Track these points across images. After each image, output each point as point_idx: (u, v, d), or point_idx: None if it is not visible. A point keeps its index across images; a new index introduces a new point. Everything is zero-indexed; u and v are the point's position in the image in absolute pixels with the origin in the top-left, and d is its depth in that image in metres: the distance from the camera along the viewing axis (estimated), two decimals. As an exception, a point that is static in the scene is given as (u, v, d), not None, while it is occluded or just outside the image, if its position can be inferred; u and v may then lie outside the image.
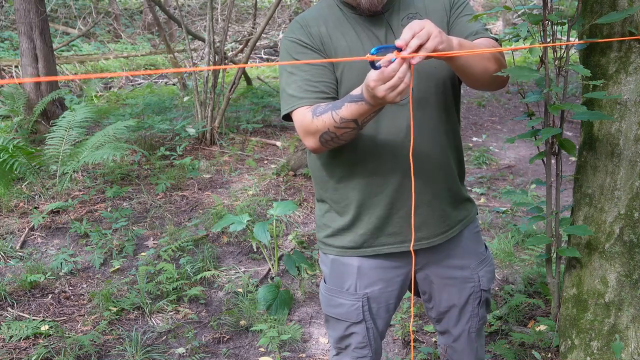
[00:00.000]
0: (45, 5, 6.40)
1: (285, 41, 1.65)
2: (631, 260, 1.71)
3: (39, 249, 3.80)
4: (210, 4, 5.87)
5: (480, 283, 1.83)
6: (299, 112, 1.58)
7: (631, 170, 1.68)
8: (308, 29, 1.63)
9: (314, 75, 1.59)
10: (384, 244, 1.71)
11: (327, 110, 1.51)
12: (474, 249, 1.83)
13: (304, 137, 1.59)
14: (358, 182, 1.67)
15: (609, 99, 1.69)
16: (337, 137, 1.52)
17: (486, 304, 1.90)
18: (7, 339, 2.84)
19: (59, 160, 4.69)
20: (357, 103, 1.44)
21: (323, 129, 1.51)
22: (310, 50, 1.61)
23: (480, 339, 1.97)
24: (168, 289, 3.24)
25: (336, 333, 1.82)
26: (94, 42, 11.97)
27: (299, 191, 4.61)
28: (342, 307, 1.77)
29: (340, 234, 1.74)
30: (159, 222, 4.15)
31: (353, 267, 1.74)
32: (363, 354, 1.81)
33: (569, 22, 1.69)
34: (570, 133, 5.73)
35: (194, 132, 5.76)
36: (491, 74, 1.57)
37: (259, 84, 8.56)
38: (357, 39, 1.61)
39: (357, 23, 1.63)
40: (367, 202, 1.68)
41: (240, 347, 2.87)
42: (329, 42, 1.61)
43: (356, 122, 1.47)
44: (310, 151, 1.64)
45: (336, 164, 1.69)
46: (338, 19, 1.64)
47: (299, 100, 1.59)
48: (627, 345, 1.73)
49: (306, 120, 1.55)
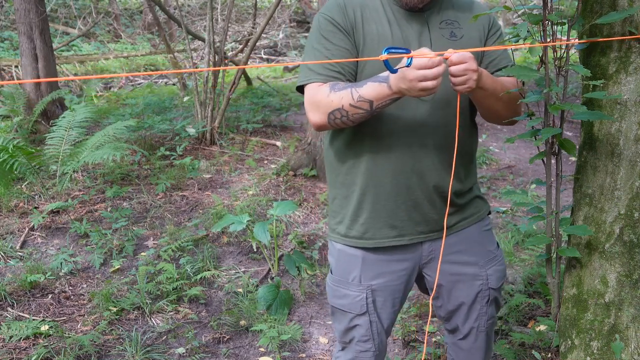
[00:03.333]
0: (45, 5, 6.40)
1: (320, 17, 1.68)
2: (631, 260, 1.71)
3: (39, 249, 3.80)
4: (210, 4, 5.87)
5: (489, 281, 1.84)
6: (313, 86, 1.63)
7: (631, 170, 1.68)
8: (344, 10, 1.65)
9: (336, 55, 1.63)
10: (385, 236, 1.72)
11: (347, 87, 1.55)
12: (483, 247, 1.84)
13: (312, 111, 1.62)
14: (365, 170, 1.70)
15: (609, 99, 1.69)
16: (347, 117, 1.56)
17: (495, 302, 1.90)
18: (7, 339, 2.84)
19: (59, 160, 4.69)
20: (380, 84, 1.49)
21: (338, 105, 1.55)
22: (340, 31, 1.64)
23: (489, 340, 1.96)
24: (168, 289, 3.24)
25: (341, 325, 1.83)
26: (94, 42, 11.97)
27: (299, 191, 4.61)
28: (347, 298, 1.78)
29: (344, 221, 1.76)
30: (159, 222, 4.15)
31: (358, 259, 1.76)
32: (366, 347, 1.81)
33: (569, 22, 1.69)
34: (570, 133, 5.73)
35: (194, 132, 5.76)
36: (501, 119, 1.73)
37: (259, 84, 8.56)
38: (389, 31, 1.64)
39: (393, 14, 1.66)
40: (372, 190, 1.70)
41: (240, 347, 2.87)
42: (360, 27, 1.64)
43: (371, 104, 1.52)
44: (314, 127, 1.67)
45: (348, 150, 1.72)
46: (376, 7, 1.67)
47: (316, 75, 1.63)
48: (627, 345, 1.73)
49: (320, 94, 1.59)
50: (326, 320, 3.09)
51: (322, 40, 1.65)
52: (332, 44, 1.63)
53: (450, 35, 1.68)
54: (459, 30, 1.69)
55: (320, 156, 4.82)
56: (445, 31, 1.68)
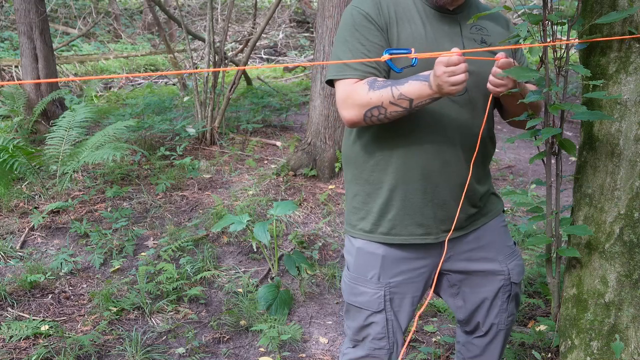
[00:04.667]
0: (45, 5, 6.39)
1: (353, 9, 1.64)
2: (631, 260, 1.71)
3: (39, 249, 3.80)
4: (210, 4, 5.87)
5: (511, 276, 1.84)
6: (348, 82, 1.61)
7: (631, 170, 1.68)
8: (379, 6, 1.63)
9: (371, 51, 1.60)
10: (411, 233, 1.72)
11: (387, 85, 1.54)
12: (502, 242, 1.86)
13: (347, 108, 1.60)
14: (396, 166, 1.69)
15: (609, 99, 1.69)
16: (385, 115, 1.56)
17: (516, 299, 1.91)
18: (7, 339, 2.84)
19: (59, 160, 4.69)
20: (421, 82, 1.50)
21: (377, 102, 1.54)
22: (375, 26, 1.61)
23: (506, 341, 1.96)
24: (168, 289, 3.24)
25: (355, 323, 1.81)
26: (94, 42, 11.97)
27: (299, 191, 4.61)
28: (364, 296, 1.77)
29: (370, 216, 1.75)
30: (159, 222, 4.15)
31: (378, 256, 1.75)
32: (380, 345, 1.80)
33: (569, 22, 1.69)
34: (570, 133, 5.73)
35: (194, 132, 5.76)
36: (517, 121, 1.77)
37: (259, 84, 8.56)
38: (423, 30, 1.64)
39: (426, 14, 1.66)
40: (402, 187, 1.70)
41: (240, 347, 2.87)
42: (394, 25, 1.62)
43: (411, 102, 1.52)
44: (347, 124, 1.65)
45: (377, 146, 1.70)
46: (409, 5, 1.66)
47: (352, 71, 1.60)
48: (627, 345, 1.73)
49: (359, 92, 1.57)
50: (326, 320, 3.09)
51: (356, 34, 1.61)
52: (368, 39, 1.60)
53: (480, 40, 1.70)
54: (488, 38, 1.72)
55: (320, 156, 4.82)
56: (477, 36, 1.70)
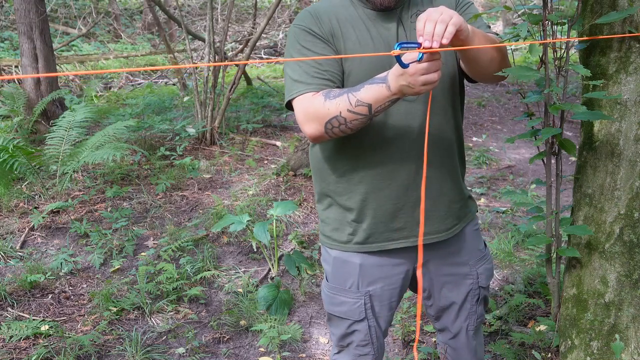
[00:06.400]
0: (45, 5, 6.39)
1: (295, 29, 1.63)
2: (631, 260, 1.71)
3: (39, 249, 3.80)
4: (210, 4, 5.87)
5: (479, 280, 1.84)
6: (305, 97, 1.56)
7: (631, 170, 1.68)
8: (319, 19, 1.61)
9: (322, 63, 1.57)
10: (389, 239, 1.71)
11: (343, 93, 1.49)
12: (474, 246, 1.84)
13: (307, 123, 1.55)
14: (363, 175, 1.66)
15: (609, 99, 1.69)
16: (346, 124, 1.50)
17: (484, 301, 1.90)
18: (7, 339, 2.84)
19: (59, 160, 4.69)
20: (378, 85, 1.43)
21: (335, 112, 1.48)
22: (319, 39, 1.59)
23: (479, 338, 1.97)
24: (168, 289, 3.24)
25: (339, 331, 1.83)
26: (94, 42, 11.97)
27: (299, 191, 4.61)
28: (345, 305, 1.77)
29: (344, 228, 1.73)
30: (159, 222, 4.15)
31: (355, 265, 1.74)
32: (365, 351, 1.82)
33: (569, 22, 1.69)
34: (570, 133, 5.73)
35: (194, 132, 5.76)
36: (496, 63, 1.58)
37: (259, 84, 8.56)
38: (367, 33, 1.61)
39: (368, 18, 1.63)
40: (373, 196, 1.67)
41: (240, 347, 2.87)
42: (339, 34, 1.60)
43: (370, 108, 1.46)
44: (310, 139, 1.60)
45: (340, 158, 1.68)
46: (349, 13, 1.64)
47: (306, 86, 1.56)
48: (627, 345, 1.73)
49: (315, 104, 1.52)
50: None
51: (302, 50, 1.59)
52: (315, 53, 1.58)
53: None
54: None
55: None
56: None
